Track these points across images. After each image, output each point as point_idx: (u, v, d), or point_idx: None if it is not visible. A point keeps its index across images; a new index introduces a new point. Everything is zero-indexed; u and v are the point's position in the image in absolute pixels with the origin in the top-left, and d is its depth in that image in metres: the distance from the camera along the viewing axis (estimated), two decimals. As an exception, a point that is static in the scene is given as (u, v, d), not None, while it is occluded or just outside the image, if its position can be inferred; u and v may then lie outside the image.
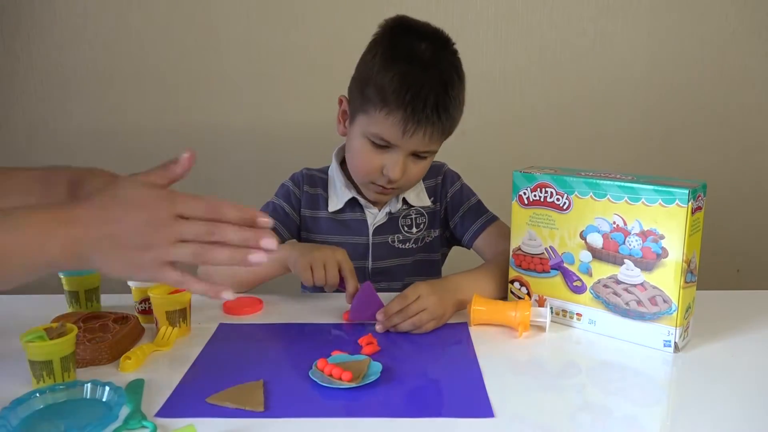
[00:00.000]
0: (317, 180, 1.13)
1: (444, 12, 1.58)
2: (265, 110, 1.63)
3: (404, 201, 1.10)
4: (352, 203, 1.10)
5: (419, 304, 0.84)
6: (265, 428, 0.61)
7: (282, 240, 1.10)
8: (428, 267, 1.15)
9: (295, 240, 1.12)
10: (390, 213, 1.10)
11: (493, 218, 1.12)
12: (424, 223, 1.12)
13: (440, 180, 1.14)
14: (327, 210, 1.10)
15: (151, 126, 1.64)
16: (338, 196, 1.10)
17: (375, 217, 1.09)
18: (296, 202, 1.12)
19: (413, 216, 1.11)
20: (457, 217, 1.13)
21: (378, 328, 0.85)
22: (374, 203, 1.10)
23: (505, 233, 1.02)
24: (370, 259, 1.09)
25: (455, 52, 1.02)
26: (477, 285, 0.93)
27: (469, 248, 1.13)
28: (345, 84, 1.11)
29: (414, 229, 1.11)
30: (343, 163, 1.11)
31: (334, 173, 1.12)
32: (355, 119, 1.01)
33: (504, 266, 0.94)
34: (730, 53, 1.63)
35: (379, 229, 1.09)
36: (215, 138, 1.65)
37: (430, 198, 1.12)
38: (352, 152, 1.03)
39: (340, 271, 0.91)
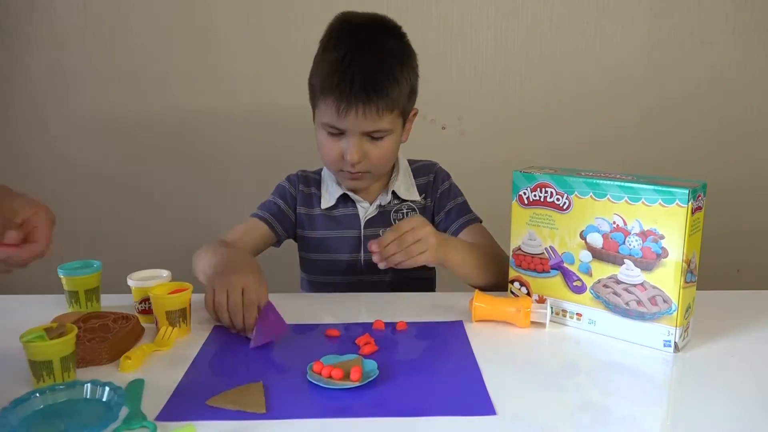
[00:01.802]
0: (311, 180, 1.18)
1: (444, 12, 1.58)
2: (265, 109, 1.63)
3: (395, 195, 1.13)
4: (343, 199, 1.14)
5: (413, 235, 0.90)
6: (267, 430, 0.61)
7: (278, 237, 1.15)
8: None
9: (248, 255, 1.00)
10: (381, 206, 1.13)
11: (476, 219, 1.16)
12: None
13: (432, 178, 1.17)
14: (320, 207, 1.14)
15: (151, 126, 1.64)
16: (330, 194, 1.14)
17: (366, 210, 1.13)
18: (292, 201, 1.16)
19: (405, 211, 1.14)
20: (442, 213, 1.16)
21: (375, 258, 0.90)
22: (364, 197, 1.13)
23: (486, 235, 1.11)
24: (362, 251, 1.12)
25: (396, 34, 1.05)
26: (463, 250, 1.00)
27: None
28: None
29: None
30: None
31: (326, 173, 1.16)
32: (315, 114, 1.07)
33: (488, 254, 1.00)
34: (730, 53, 1.63)
35: (371, 222, 1.12)
36: (215, 138, 1.65)
37: (420, 195, 1.15)
38: (318, 146, 1.08)
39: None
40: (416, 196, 1.15)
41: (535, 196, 0.86)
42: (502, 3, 1.60)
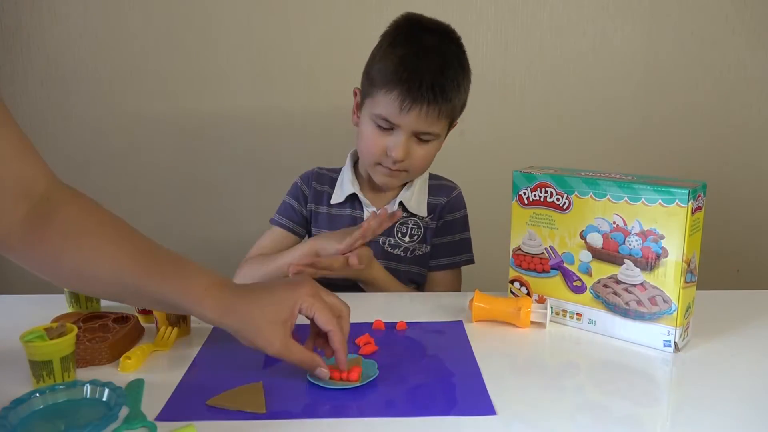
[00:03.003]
0: (326, 178, 1.19)
1: (444, 12, 1.57)
2: (265, 109, 1.63)
3: (402, 206, 1.12)
4: (352, 199, 1.14)
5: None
6: (267, 430, 0.61)
7: (299, 235, 1.17)
8: (420, 281, 1.16)
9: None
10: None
11: (464, 262, 1.17)
12: (419, 235, 1.14)
13: (444, 201, 1.15)
14: (327, 205, 1.16)
15: (151, 126, 1.64)
16: (342, 190, 1.14)
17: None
18: (303, 199, 1.18)
19: (410, 225, 1.13)
20: (438, 240, 1.15)
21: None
22: (373, 201, 1.13)
23: (451, 286, 1.15)
24: None
25: (460, 45, 1.06)
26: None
27: (425, 272, 1.16)
28: (346, 81, 1.11)
29: (407, 238, 1.13)
30: (356, 164, 1.17)
31: (345, 170, 1.17)
32: (363, 105, 1.07)
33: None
34: (730, 53, 1.63)
35: None
36: (215, 138, 1.65)
37: (429, 214, 1.14)
38: (360, 137, 1.08)
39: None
40: (424, 213, 1.13)
41: (535, 196, 0.86)
42: (502, 3, 1.60)
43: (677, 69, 1.64)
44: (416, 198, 1.13)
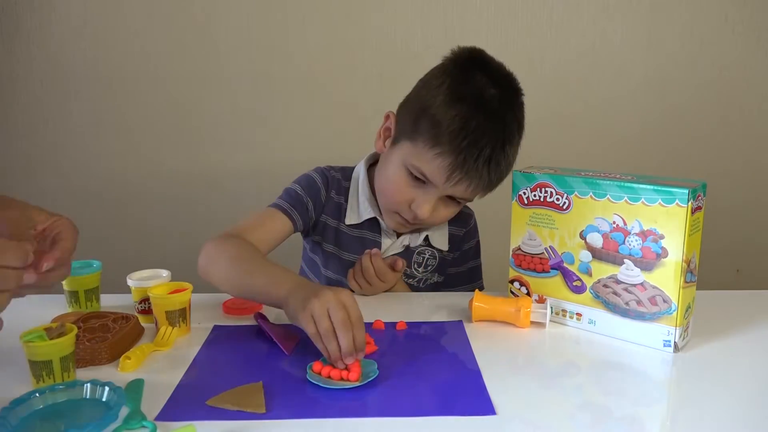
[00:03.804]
0: (341, 187, 1.06)
1: (444, 12, 1.58)
2: (266, 111, 1.63)
3: (426, 239, 1.06)
4: (371, 222, 1.04)
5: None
6: (267, 430, 0.61)
7: (296, 229, 1.02)
8: None
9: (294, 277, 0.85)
10: (407, 246, 1.06)
11: (478, 288, 1.10)
12: (433, 265, 1.09)
13: (462, 232, 1.11)
14: (344, 222, 1.05)
15: (151, 126, 1.64)
16: (359, 211, 1.04)
17: (392, 243, 1.05)
18: (318, 203, 1.04)
19: (426, 256, 1.08)
20: (453, 270, 1.12)
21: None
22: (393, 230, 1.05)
23: None
24: None
25: (522, 104, 0.97)
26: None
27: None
28: (346, 80, 1.10)
29: (421, 269, 1.08)
30: (371, 172, 1.06)
31: (360, 183, 1.05)
32: (399, 143, 0.95)
33: None
34: (730, 53, 1.63)
35: (389, 256, 1.04)
36: (215, 137, 1.65)
37: (449, 246, 1.09)
38: (385, 177, 0.98)
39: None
40: (445, 247, 1.08)
41: (535, 195, 0.86)
42: (502, 3, 1.59)
43: (677, 69, 1.64)
44: (439, 233, 1.07)
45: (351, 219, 1.04)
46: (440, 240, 1.08)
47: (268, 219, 1.00)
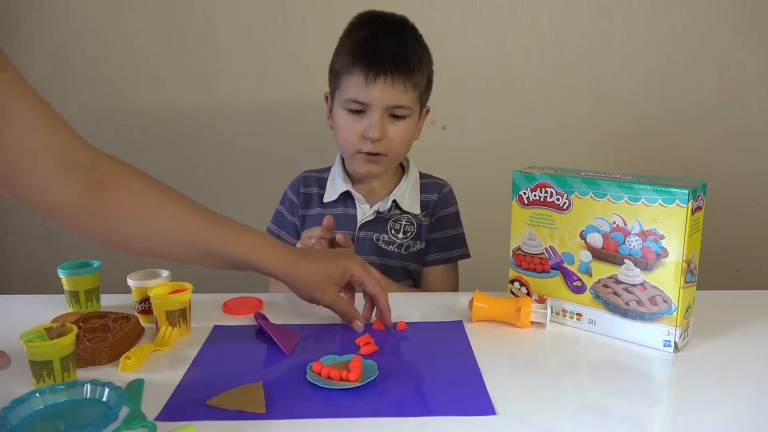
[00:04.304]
0: (312, 180, 1.20)
1: (443, 12, 1.58)
2: (266, 110, 1.63)
3: (395, 204, 1.13)
4: (345, 197, 1.14)
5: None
6: (267, 430, 0.61)
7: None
8: (416, 277, 1.16)
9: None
10: (378, 212, 1.13)
11: (459, 257, 1.16)
12: (412, 232, 1.14)
13: (436, 198, 1.16)
14: (319, 206, 1.16)
15: (151, 125, 1.64)
16: (334, 189, 1.15)
17: (364, 213, 1.13)
18: (294, 208, 1.18)
19: (403, 222, 1.14)
20: (432, 235, 1.15)
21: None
22: (367, 198, 1.13)
23: (448, 280, 1.16)
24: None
25: (416, 29, 1.10)
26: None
27: (420, 266, 1.16)
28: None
29: (401, 235, 1.13)
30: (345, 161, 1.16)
31: (336, 168, 1.17)
32: (334, 99, 1.09)
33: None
34: (730, 53, 1.63)
35: (366, 225, 1.13)
36: (215, 136, 1.65)
37: (422, 211, 1.14)
38: (337, 130, 1.10)
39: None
40: (417, 210, 1.14)
41: (535, 196, 0.86)
42: (502, 3, 1.60)
43: (677, 69, 1.64)
44: (409, 195, 1.14)
45: (328, 197, 1.15)
46: (410, 204, 1.14)
47: None
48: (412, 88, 1.05)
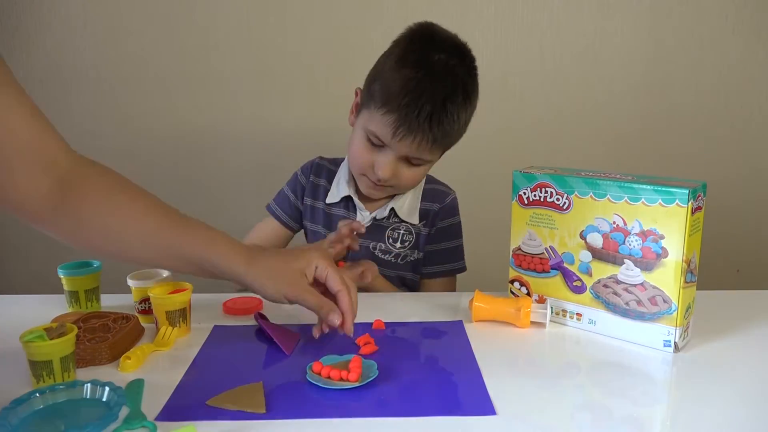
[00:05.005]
0: (323, 170, 1.17)
1: (443, 12, 1.58)
2: (265, 110, 1.63)
3: (394, 213, 1.10)
4: (347, 200, 1.12)
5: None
6: (267, 430, 0.61)
7: (292, 230, 1.19)
8: (412, 286, 1.15)
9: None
10: (375, 219, 1.10)
11: (456, 270, 1.15)
12: (410, 241, 1.12)
13: (437, 208, 1.13)
14: (323, 202, 1.14)
15: (151, 126, 1.64)
16: (338, 190, 1.13)
17: (364, 220, 1.10)
18: (300, 191, 1.17)
19: (402, 231, 1.11)
20: (431, 247, 1.13)
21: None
22: (368, 206, 1.11)
23: (453, 290, 1.14)
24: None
25: (472, 69, 1.01)
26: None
27: (418, 278, 1.15)
28: (344, 84, 1.11)
29: (398, 244, 1.11)
30: None
31: (342, 169, 1.15)
32: (361, 112, 1.03)
33: None
34: (730, 53, 1.63)
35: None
36: (215, 138, 1.65)
37: (421, 221, 1.12)
38: (351, 143, 1.05)
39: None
40: (415, 220, 1.11)
41: (535, 196, 0.86)
42: (502, 3, 1.59)
43: (677, 69, 1.64)
44: (408, 204, 1.11)
45: (330, 198, 1.13)
46: (408, 213, 1.11)
47: (262, 224, 1.19)
48: (439, 148, 1.01)
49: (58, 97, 1.61)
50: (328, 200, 1.13)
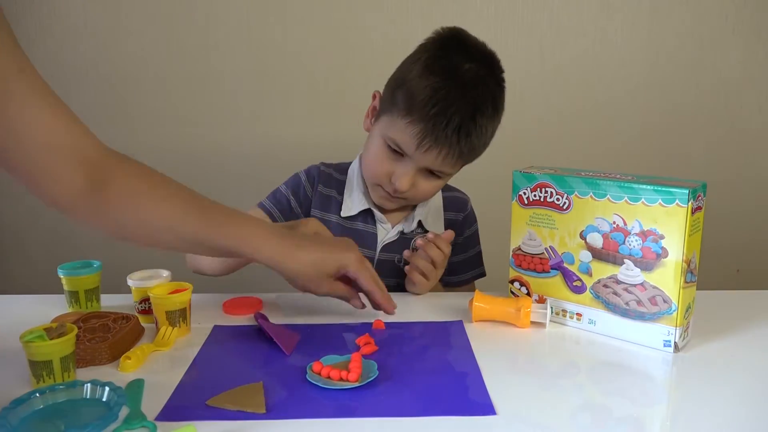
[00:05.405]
0: (333, 181, 1.10)
1: (443, 12, 1.58)
2: (265, 111, 1.64)
3: (420, 224, 1.07)
4: (365, 213, 1.06)
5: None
6: (267, 430, 0.61)
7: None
8: None
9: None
10: (402, 233, 1.07)
11: (480, 275, 1.14)
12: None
13: (461, 217, 1.11)
14: (338, 214, 1.07)
15: (151, 126, 1.64)
16: (353, 202, 1.06)
17: (387, 233, 1.06)
18: (305, 199, 1.08)
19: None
20: (456, 257, 1.10)
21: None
22: (388, 218, 1.07)
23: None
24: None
25: (501, 80, 0.98)
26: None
27: (445, 286, 1.12)
28: (344, 84, 1.10)
29: None
30: None
31: (354, 176, 1.08)
32: (380, 118, 0.99)
33: None
34: (730, 53, 1.63)
35: (388, 247, 1.07)
36: (215, 136, 1.65)
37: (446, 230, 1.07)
38: (367, 150, 1.01)
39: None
40: (441, 229, 1.07)
41: (535, 196, 0.86)
42: (502, 3, 1.60)
43: (677, 69, 1.64)
44: (433, 215, 1.08)
45: (346, 211, 1.06)
46: (435, 224, 1.08)
47: (251, 212, 1.08)
48: (462, 162, 0.98)
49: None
50: (344, 213, 1.06)
